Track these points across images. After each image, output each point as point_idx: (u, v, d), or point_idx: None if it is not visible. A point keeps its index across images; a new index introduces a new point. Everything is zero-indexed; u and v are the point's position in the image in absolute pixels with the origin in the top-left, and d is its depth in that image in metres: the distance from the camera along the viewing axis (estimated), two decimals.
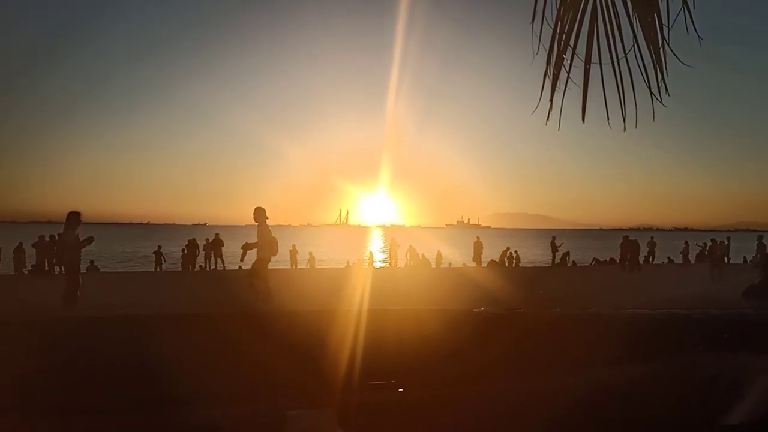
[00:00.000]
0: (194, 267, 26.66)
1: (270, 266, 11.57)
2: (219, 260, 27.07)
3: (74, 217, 10.71)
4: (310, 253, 30.26)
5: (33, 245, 23.80)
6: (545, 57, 2.12)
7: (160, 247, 27.65)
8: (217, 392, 2.29)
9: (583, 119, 2.11)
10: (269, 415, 2.10)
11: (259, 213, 11.06)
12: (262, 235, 10.88)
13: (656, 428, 2.17)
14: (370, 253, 33.87)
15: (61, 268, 19.50)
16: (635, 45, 2.03)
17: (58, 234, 23.29)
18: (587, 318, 3.65)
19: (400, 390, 2.52)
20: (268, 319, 3.35)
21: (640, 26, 2.03)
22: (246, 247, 10.98)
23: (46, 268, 23.31)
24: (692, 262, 30.56)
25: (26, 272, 24.71)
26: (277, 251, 11.53)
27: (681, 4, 1.97)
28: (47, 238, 23.46)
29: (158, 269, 26.77)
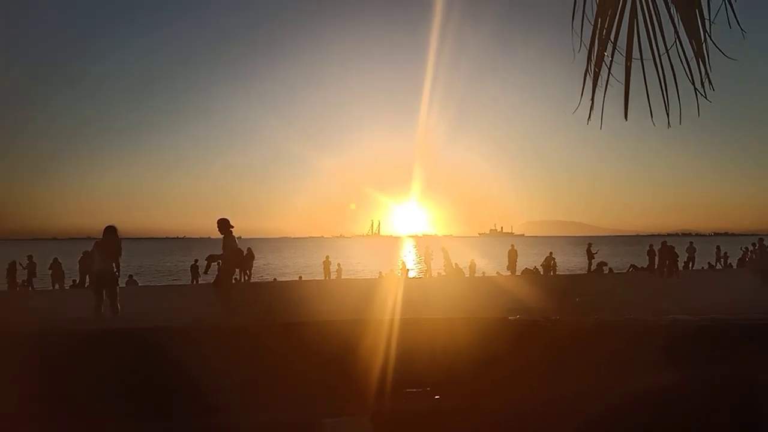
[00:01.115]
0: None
1: (305, 277, 11.67)
2: (248, 272, 27.42)
3: (111, 230, 10.95)
4: (339, 264, 30.43)
5: (80, 261, 24.38)
6: (584, 57, 2.09)
7: (196, 260, 28.08)
8: (251, 401, 2.30)
9: (626, 117, 2.08)
10: (303, 423, 2.10)
11: (223, 224, 10.95)
12: (227, 246, 10.79)
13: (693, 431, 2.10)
14: (403, 263, 33.85)
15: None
16: (677, 40, 1.99)
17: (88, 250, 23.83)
18: (624, 325, 3.56)
19: (436, 397, 2.50)
20: (301, 328, 3.36)
21: (681, 20, 1.99)
22: (210, 259, 10.91)
23: (87, 283, 23.89)
24: (734, 267, 29.75)
25: (67, 287, 25.35)
26: (241, 263, 11.54)
27: None
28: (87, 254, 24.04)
29: (195, 282, 27.19)
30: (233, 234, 10.91)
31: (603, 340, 3.19)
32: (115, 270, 10.73)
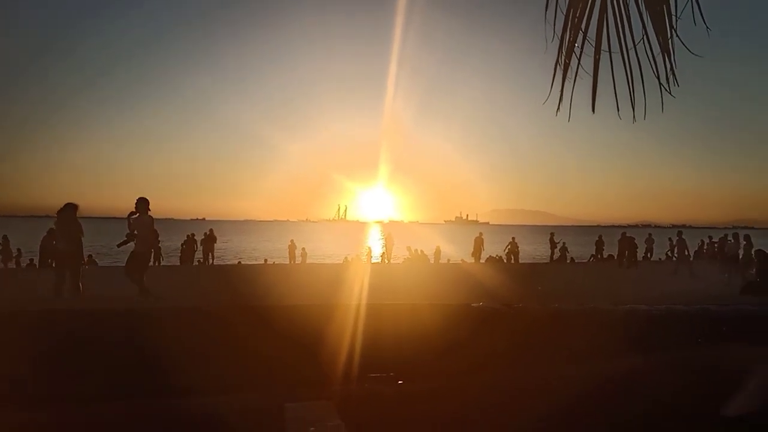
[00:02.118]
0: (192, 262, 26.68)
1: (269, 261, 11.59)
2: (210, 255, 27.14)
3: (71, 208, 10.67)
4: (303, 249, 30.26)
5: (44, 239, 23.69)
6: (555, 48, 2.12)
7: (159, 241, 27.63)
8: (217, 383, 2.29)
9: (593, 109, 2.11)
10: (269, 406, 2.10)
11: (140, 203, 10.77)
12: (143, 225, 10.65)
13: (657, 418, 2.18)
14: (369, 248, 33.87)
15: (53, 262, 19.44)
16: (645, 35, 2.03)
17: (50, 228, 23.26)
18: (586, 313, 3.66)
19: (399, 382, 2.52)
20: (266, 312, 3.35)
21: (649, 16, 2.03)
22: (128, 237, 10.71)
23: (48, 262, 23.28)
24: (691, 258, 30.63)
25: (23, 266, 24.69)
26: (157, 245, 11.30)
27: None
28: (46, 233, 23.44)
29: (157, 264, 26.78)
30: (150, 215, 10.71)
31: (564, 327, 3.27)
32: (77, 250, 10.51)
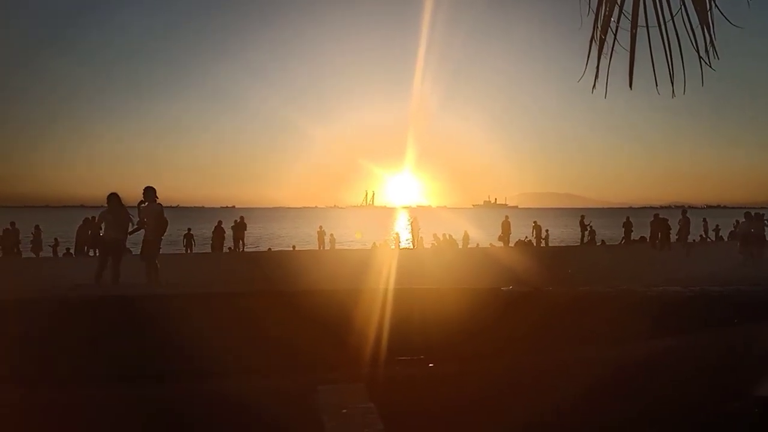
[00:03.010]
0: (222, 249, 27.08)
1: (298, 247, 11.73)
2: (241, 242, 27.53)
3: (117, 199, 10.88)
4: (331, 235, 30.47)
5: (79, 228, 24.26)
6: (588, 26, 2.09)
7: (189, 229, 28.07)
8: (247, 367, 2.34)
9: (630, 85, 2.07)
10: (300, 388, 2.14)
11: (148, 192, 10.85)
12: (150, 214, 10.74)
13: (686, 399, 2.15)
14: (397, 234, 33.93)
15: (95, 251, 19.95)
16: (682, 6, 1.98)
17: (93, 217, 23.81)
18: (616, 295, 3.62)
19: (430, 365, 2.54)
20: (295, 297, 3.40)
21: None
22: (138, 227, 10.83)
23: (84, 251, 23.86)
24: (725, 239, 30.03)
25: (61, 255, 25.33)
26: (165, 232, 11.33)
27: None
28: (87, 221, 23.98)
29: (189, 251, 27.22)
30: (159, 203, 10.82)
31: (595, 310, 3.24)
32: (125, 238, 10.77)
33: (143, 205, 10.76)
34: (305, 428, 1.87)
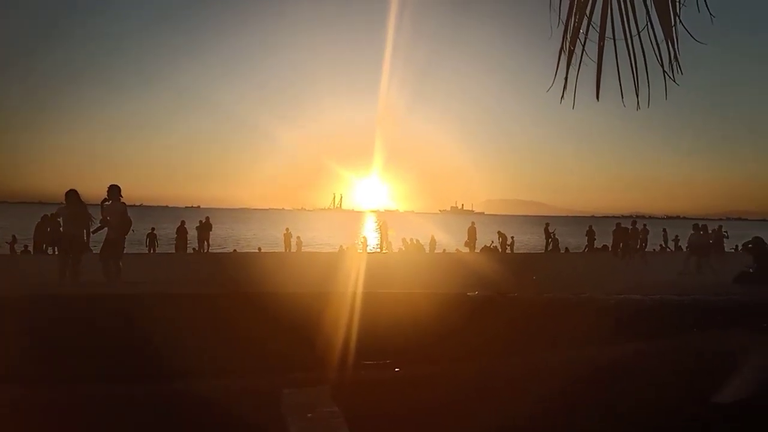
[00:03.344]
0: (186, 249, 26.67)
1: (264, 249, 11.64)
2: (206, 243, 27.17)
3: (76, 195, 10.63)
4: (298, 237, 30.31)
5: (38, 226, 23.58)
6: (560, 35, 2.12)
7: (153, 229, 27.59)
8: (214, 368, 2.31)
9: (597, 97, 2.12)
10: (265, 390, 2.12)
11: (111, 190, 10.76)
12: (113, 212, 10.66)
13: (651, 403, 2.20)
14: (364, 237, 33.92)
15: (54, 249, 19.44)
16: (648, 21, 2.03)
17: (51, 214, 23.21)
18: (580, 302, 3.68)
19: (396, 369, 2.54)
20: (262, 299, 3.37)
21: (653, 2, 2.04)
22: (101, 225, 10.73)
23: (42, 249, 23.23)
24: (683, 249, 30.85)
25: (19, 252, 24.64)
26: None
27: None
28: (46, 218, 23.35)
29: (151, 251, 26.74)
30: (123, 201, 10.71)
31: (560, 315, 3.29)
32: (84, 237, 10.52)
33: (107, 203, 10.55)
34: (270, 431, 1.85)
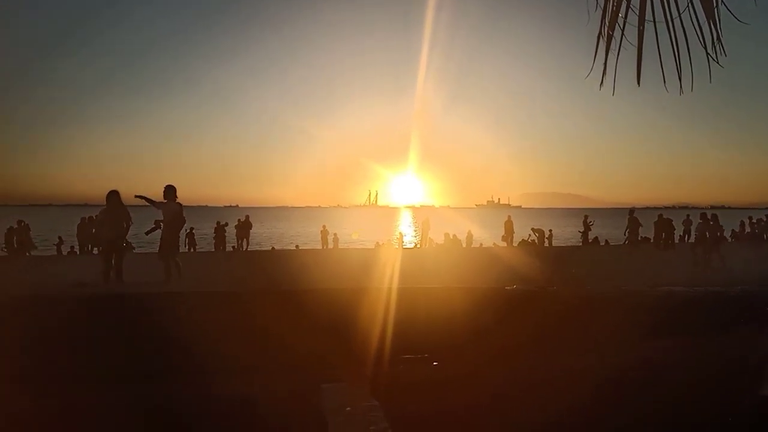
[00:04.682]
0: (225, 248, 27.06)
1: (302, 246, 11.74)
2: (245, 241, 27.48)
3: (117, 197, 10.88)
4: (335, 234, 30.41)
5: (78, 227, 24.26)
6: (596, 23, 2.08)
7: (192, 228, 28.04)
8: (252, 365, 2.34)
9: (638, 82, 2.06)
10: (305, 386, 2.14)
11: (167, 191, 10.89)
12: (168, 211, 10.78)
13: (688, 402, 2.15)
14: (400, 233, 33.88)
15: (98, 249, 19.95)
16: (689, 3, 1.97)
17: (90, 216, 23.83)
18: (620, 295, 3.61)
19: (434, 364, 2.54)
20: (299, 296, 3.39)
21: None
22: (155, 224, 10.87)
23: (86, 250, 23.90)
24: (728, 240, 29.99)
25: (65, 254, 25.39)
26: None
27: None
28: (87, 220, 24.04)
29: (192, 250, 27.20)
30: (177, 201, 10.91)
31: (599, 310, 3.24)
32: (125, 237, 10.81)
33: (162, 203, 10.80)
34: (309, 426, 1.87)
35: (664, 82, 2.01)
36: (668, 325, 2.98)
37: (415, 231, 32.27)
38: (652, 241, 26.55)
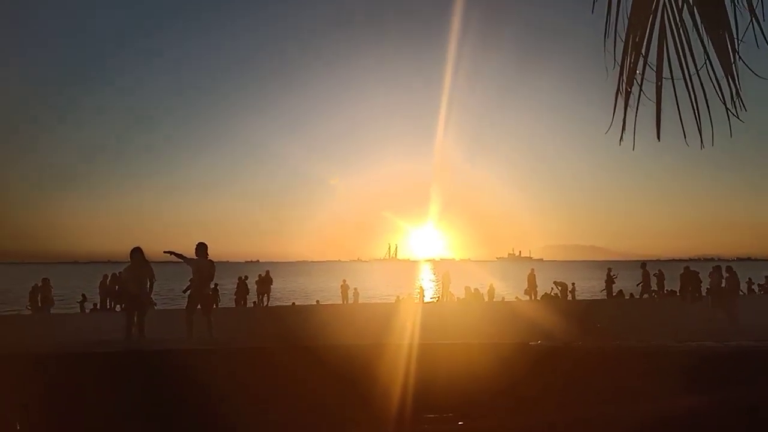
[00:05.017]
0: (246, 303, 27.09)
1: (322, 301, 11.79)
2: (265, 297, 27.54)
3: (140, 253, 11.09)
4: (355, 289, 30.35)
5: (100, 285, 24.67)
6: (613, 79, 2.11)
7: (216, 285, 28.18)
8: (273, 422, 2.31)
9: (658, 137, 2.08)
10: None
11: (199, 248, 11.11)
12: (196, 271, 10.93)
13: None
14: (421, 287, 33.70)
15: (121, 306, 20.15)
16: (707, 59, 2.00)
17: (111, 273, 24.16)
18: (648, 350, 3.52)
19: (459, 423, 2.48)
20: (318, 352, 3.37)
21: (711, 40, 2.01)
22: (191, 284, 11.02)
23: (108, 307, 24.11)
24: (756, 292, 29.31)
25: (87, 311, 25.60)
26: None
27: (750, 17, 1.94)
28: (109, 277, 24.34)
29: (215, 306, 27.26)
30: (209, 258, 11.11)
31: (626, 365, 3.15)
32: (150, 294, 10.96)
33: (193, 259, 11.01)
34: None
35: (685, 137, 2.03)
36: (698, 380, 2.90)
37: (436, 285, 32.04)
38: (678, 294, 26.06)
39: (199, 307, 10.78)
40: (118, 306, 22.57)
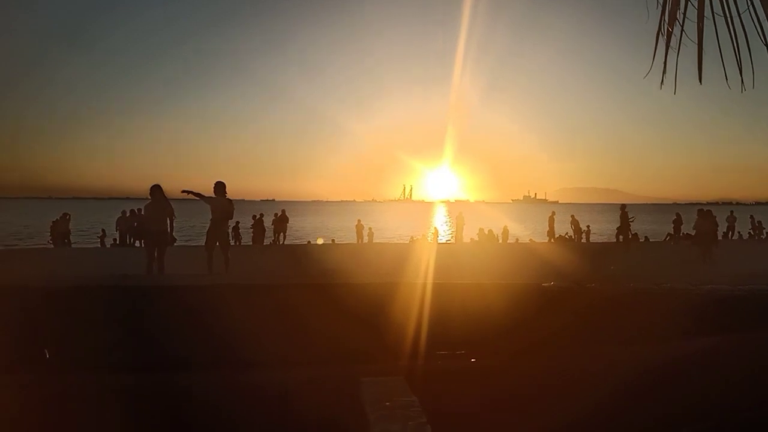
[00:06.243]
0: (263, 242, 27.44)
1: (337, 241, 11.94)
2: (282, 235, 27.87)
3: (160, 191, 11.22)
4: (370, 229, 30.59)
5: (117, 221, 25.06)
6: (655, 18, 2.05)
7: (238, 223, 28.43)
8: (289, 357, 2.37)
9: (700, 79, 2.03)
10: (342, 381, 2.16)
11: (217, 187, 11.21)
12: (217, 208, 11.07)
13: (731, 400, 2.10)
14: (435, 228, 33.83)
15: (141, 242, 20.51)
16: (750, 3, 1.93)
17: (130, 210, 24.47)
18: (661, 293, 3.54)
19: (472, 360, 2.53)
20: (335, 289, 3.42)
21: None
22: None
23: (128, 242, 24.55)
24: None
25: (108, 246, 26.10)
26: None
27: None
28: (128, 213, 24.69)
29: (237, 243, 27.63)
30: (228, 197, 11.22)
31: (639, 307, 3.18)
32: (170, 231, 11.14)
33: (212, 197, 11.15)
34: (349, 419, 1.89)
35: (726, 79, 1.97)
36: (710, 322, 2.92)
37: (450, 226, 32.13)
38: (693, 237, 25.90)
39: (217, 244, 10.95)
40: (137, 242, 22.99)
